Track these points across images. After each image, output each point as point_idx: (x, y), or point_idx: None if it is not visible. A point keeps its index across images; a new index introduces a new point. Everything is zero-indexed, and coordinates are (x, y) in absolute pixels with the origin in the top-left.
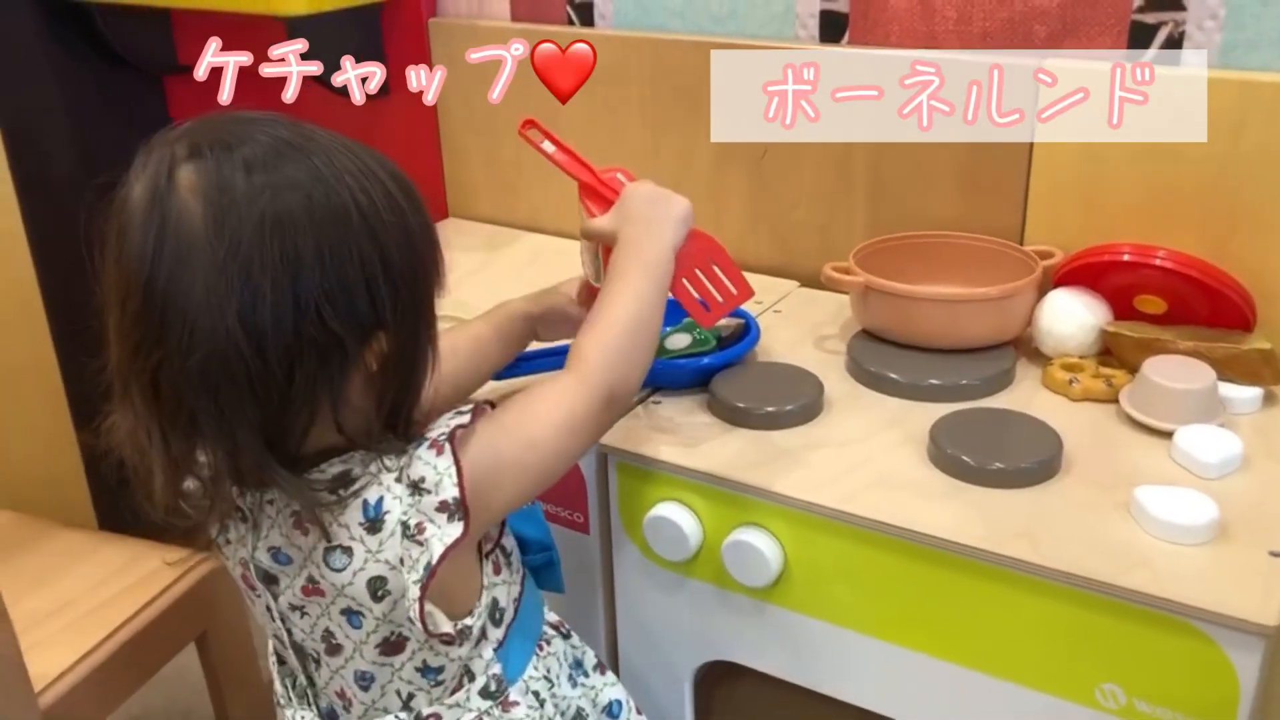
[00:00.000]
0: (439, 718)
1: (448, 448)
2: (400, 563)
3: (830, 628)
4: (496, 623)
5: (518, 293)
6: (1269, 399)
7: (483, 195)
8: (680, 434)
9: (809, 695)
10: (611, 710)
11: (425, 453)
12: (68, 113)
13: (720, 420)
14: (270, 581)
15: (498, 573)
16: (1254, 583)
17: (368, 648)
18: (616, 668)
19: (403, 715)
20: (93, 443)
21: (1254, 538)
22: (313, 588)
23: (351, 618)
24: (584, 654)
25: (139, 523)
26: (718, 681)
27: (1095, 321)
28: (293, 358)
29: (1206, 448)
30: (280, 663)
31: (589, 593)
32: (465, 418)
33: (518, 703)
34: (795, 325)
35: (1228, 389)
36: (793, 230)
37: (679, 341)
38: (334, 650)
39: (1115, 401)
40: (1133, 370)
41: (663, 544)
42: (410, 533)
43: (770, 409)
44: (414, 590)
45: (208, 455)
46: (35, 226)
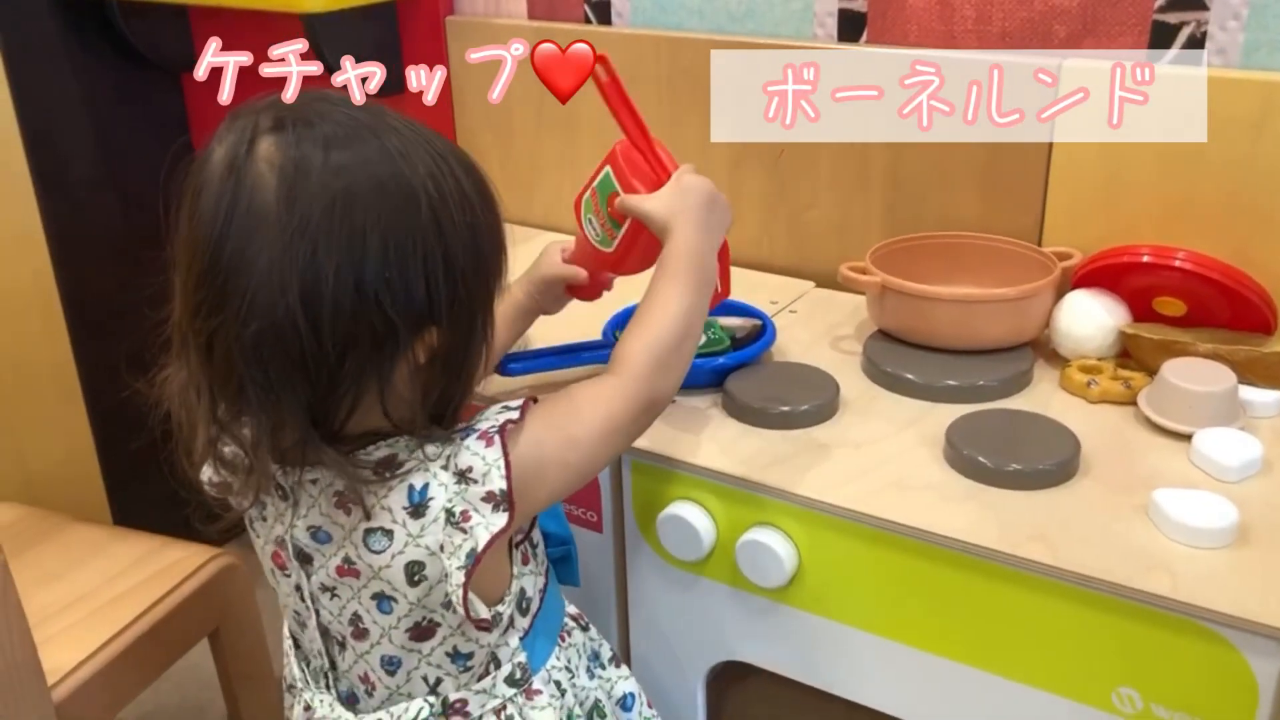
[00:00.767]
0: (466, 703)
1: (498, 440)
2: (440, 549)
3: (844, 629)
4: (524, 612)
5: None
6: None
7: (498, 193)
8: (695, 433)
9: (822, 697)
10: (625, 703)
11: (474, 443)
12: (86, 110)
13: (735, 420)
14: (305, 560)
15: (525, 564)
16: (1274, 588)
17: (397, 632)
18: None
19: (430, 699)
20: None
21: (1274, 542)
22: (348, 568)
23: (382, 603)
24: (601, 646)
25: (154, 519)
26: (730, 681)
27: (1114, 323)
28: (347, 341)
29: (1226, 451)
30: (295, 646)
31: (602, 592)
32: (514, 413)
33: (540, 691)
34: (811, 325)
35: (1248, 392)
36: (809, 230)
37: None
38: (360, 635)
39: (1134, 404)
40: (1151, 373)
41: (676, 543)
42: (455, 520)
43: (785, 409)
44: (458, 575)
45: (251, 426)
46: (54, 223)
